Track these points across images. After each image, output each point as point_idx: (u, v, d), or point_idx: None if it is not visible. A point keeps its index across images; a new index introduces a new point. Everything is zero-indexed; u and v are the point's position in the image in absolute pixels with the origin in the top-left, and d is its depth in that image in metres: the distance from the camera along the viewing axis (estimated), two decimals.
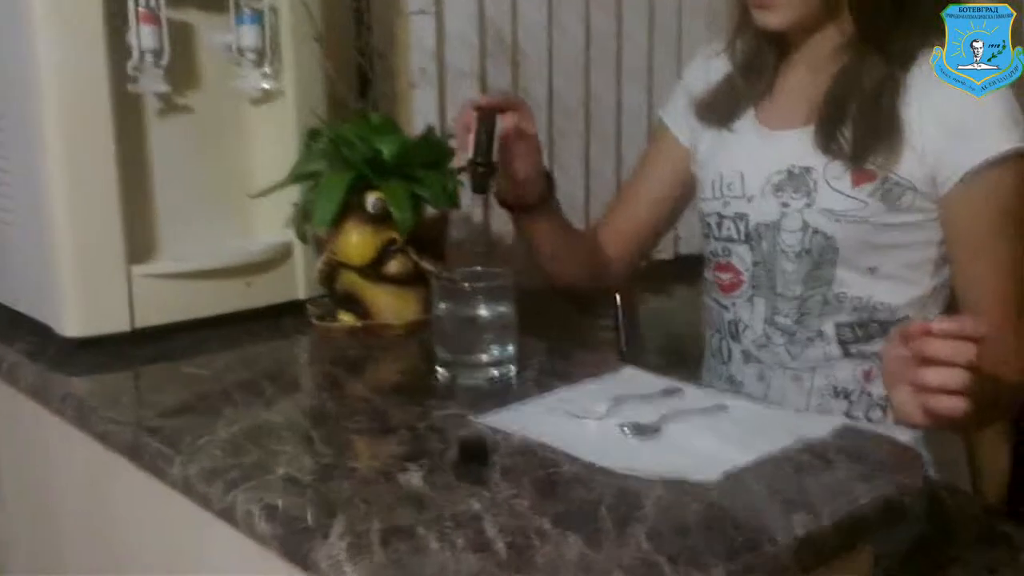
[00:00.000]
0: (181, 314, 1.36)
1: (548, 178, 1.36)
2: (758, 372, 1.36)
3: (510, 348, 1.21)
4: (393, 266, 1.35)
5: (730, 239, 1.34)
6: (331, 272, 1.39)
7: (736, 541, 0.82)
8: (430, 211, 1.37)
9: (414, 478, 0.94)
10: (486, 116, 1.21)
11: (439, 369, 1.21)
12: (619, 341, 2.40)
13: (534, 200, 1.35)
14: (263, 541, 0.89)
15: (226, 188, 1.43)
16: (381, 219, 1.32)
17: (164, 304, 1.35)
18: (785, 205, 1.28)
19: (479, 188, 1.21)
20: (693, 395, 1.15)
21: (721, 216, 1.35)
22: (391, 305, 1.38)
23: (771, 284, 1.31)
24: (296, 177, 1.35)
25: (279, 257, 1.44)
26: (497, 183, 1.29)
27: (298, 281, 1.46)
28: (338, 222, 1.33)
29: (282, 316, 1.44)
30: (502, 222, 1.84)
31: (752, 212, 1.31)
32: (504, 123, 1.23)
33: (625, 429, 1.03)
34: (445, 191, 1.34)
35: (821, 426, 1.04)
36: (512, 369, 1.21)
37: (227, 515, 0.92)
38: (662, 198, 1.47)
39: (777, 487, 0.92)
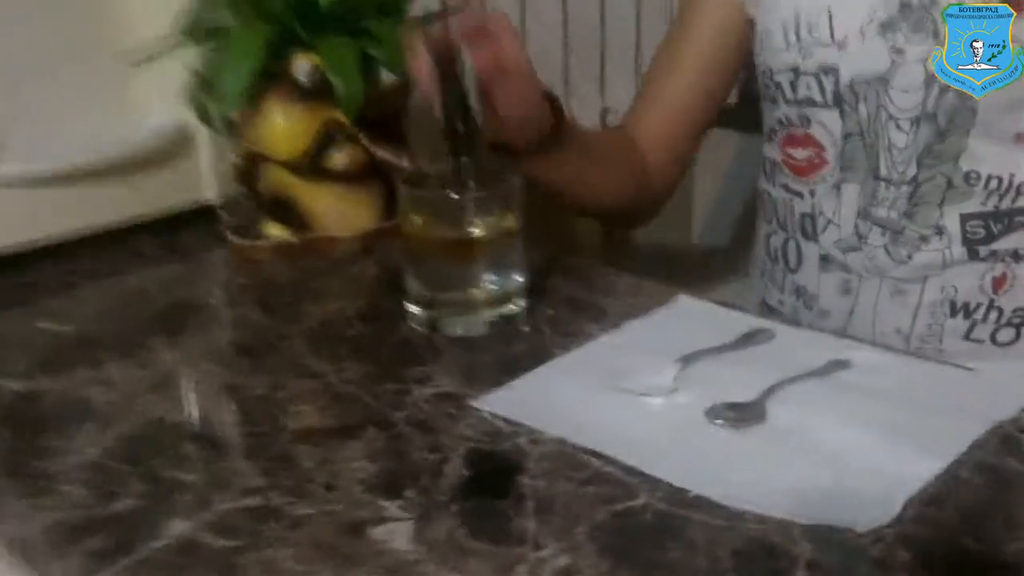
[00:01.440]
0: (34, 235, 0.96)
1: (553, 106, 0.93)
2: (841, 283, 1.00)
3: (516, 277, 0.83)
4: (338, 159, 0.95)
5: (810, 102, 0.96)
6: (250, 168, 0.99)
7: None
8: (387, 78, 0.96)
9: (399, 533, 0.58)
10: (449, 65, 0.79)
11: (412, 310, 0.83)
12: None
13: (534, 141, 0.93)
14: None
15: (91, 53, 1.00)
16: (317, 93, 0.92)
17: (9, 223, 0.94)
18: (898, 52, 0.89)
19: (461, 157, 0.80)
20: (788, 341, 0.79)
21: (798, 72, 0.96)
22: (337, 211, 0.98)
23: (871, 163, 0.94)
24: (190, 34, 0.93)
25: (174, 147, 1.04)
26: (484, 133, 0.86)
27: (204, 179, 1.06)
28: (255, 99, 0.92)
29: (183, 230, 1.05)
30: None
31: (845, 63, 0.93)
32: (476, 62, 0.80)
33: (717, 420, 0.67)
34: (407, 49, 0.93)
35: (1007, 397, 0.69)
36: (520, 308, 0.84)
37: None
38: (711, 67, 1.07)
39: (997, 530, 0.56)
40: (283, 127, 0.92)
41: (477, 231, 0.81)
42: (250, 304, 0.91)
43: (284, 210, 0.98)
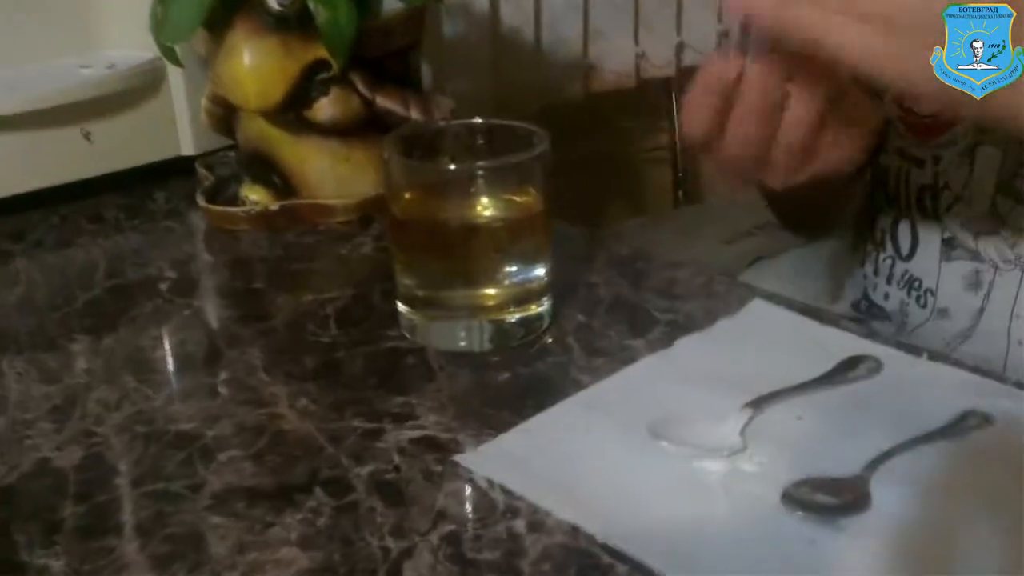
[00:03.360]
0: None
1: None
2: (970, 275, 0.78)
3: (538, 272, 0.63)
4: (325, 108, 0.76)
5: None
6: (227, 116, 0.81)
7: None
8: (391, 5, 0.76)
9: None
10: None
11: (402, 310, 0.64)
12: (675, 176, 1.81)
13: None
14: None
15: None
16: (296, 24, 0.72)
17: None
18: None
19: None
20: (901, 376, 0.58)
21: None
22: (327, 173, 0.79)
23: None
24: None
25: (143, 87, 0.85)
26: None
27: (181, 127, 0.88)
28: (220, 30, 0.73)
29: (157, 189, 0.87)
30: (519, 18, 1.24)
31: None
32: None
33: (798, 510, 0.47)
34: None
35: None
36: (542, 312, 0.64)
37: None
38: None
39: None
40: (251, 68, 0.72)
41: (487, 211, 0.62)
42: (209, 292, 0.72)
43: (264, 169, 0.79)
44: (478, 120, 0.64)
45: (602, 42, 1.42)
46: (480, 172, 0.61)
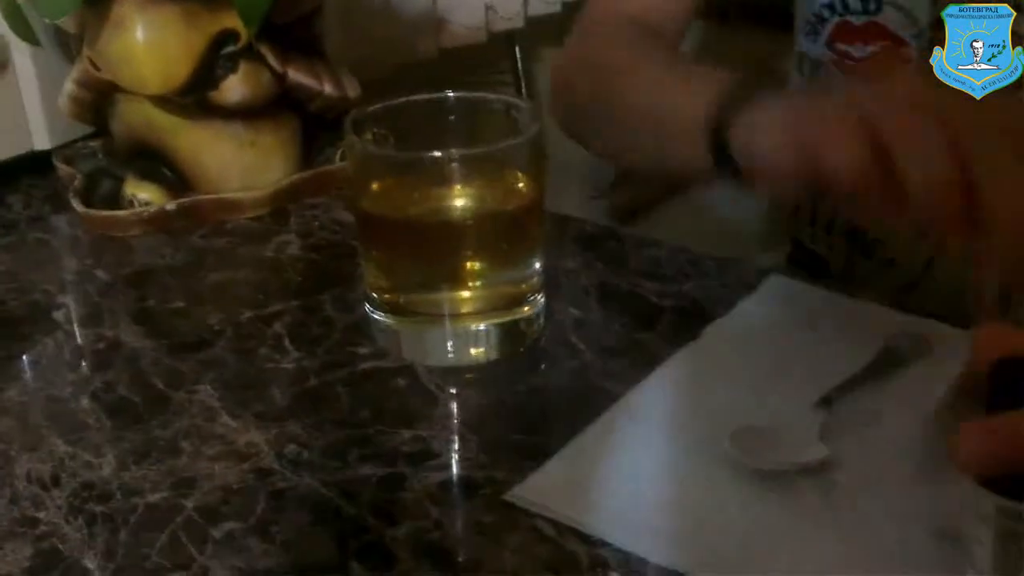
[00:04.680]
0: None
1: None
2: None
3: (535, 265, 0.55)
4: (234, 87, 0.64)
5: None
6: (98, 102, 0.68)
7: None
8: None
9: None
10: None
11: (378, 319, 0.55)
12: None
13: None
14: None
15: None
16: None
17: None
18: None
19: None
20: (951, 351, 0.53)
21: None
22: (232, 162, 0.68)
23: None
24: None
25: None
26: None
27: (32, 117, 0.74)
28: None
29: (9, 193, 0.73)
30: None
31: None
32: None
33: (929, 529, 0.41)
34: None
35: None
36: (539, 312, 0.56)
37: None
38: None
39: None
40: (148, 44, 0.60)
41: (473, 203, 0.53)
42: (120, 317, 0.60)
43: (152, 162, 0.67)
44: (450, 93, 0.55)
45: None
46: (462, 159, 0.52)
